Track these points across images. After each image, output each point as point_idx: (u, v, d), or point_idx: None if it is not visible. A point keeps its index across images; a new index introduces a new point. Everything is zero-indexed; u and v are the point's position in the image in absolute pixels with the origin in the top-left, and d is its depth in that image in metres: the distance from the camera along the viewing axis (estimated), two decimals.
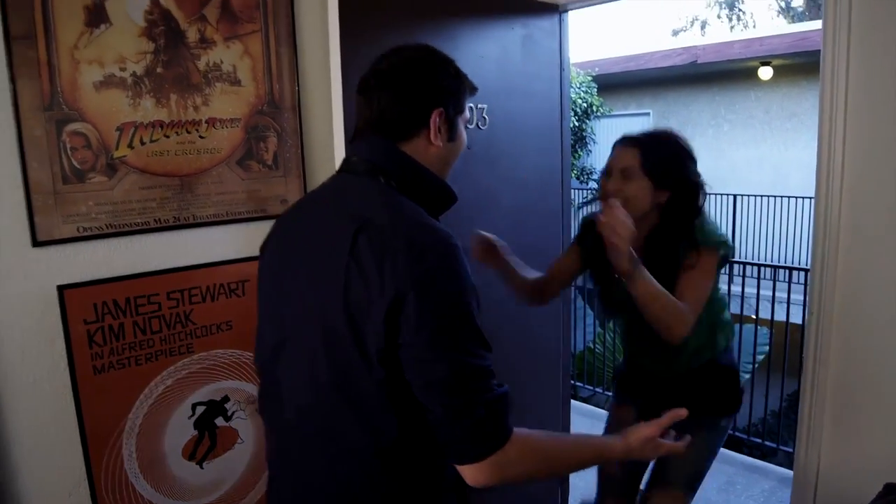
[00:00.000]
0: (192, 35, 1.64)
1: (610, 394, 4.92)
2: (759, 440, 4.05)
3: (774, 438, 4.19)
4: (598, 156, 9.57)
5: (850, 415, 1.85)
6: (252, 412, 1.85)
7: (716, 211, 8.92)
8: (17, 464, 1.53)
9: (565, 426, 2.80)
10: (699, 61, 8.98)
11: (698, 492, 2.33)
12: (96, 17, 1.52)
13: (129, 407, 1.66)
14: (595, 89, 8.82)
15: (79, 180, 1.53)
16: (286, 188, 1.83)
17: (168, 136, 1.63)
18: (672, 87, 10.20)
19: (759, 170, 9.32)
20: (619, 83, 10.34)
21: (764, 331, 5.73)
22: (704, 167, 1.89)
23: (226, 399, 1.81)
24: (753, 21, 21.23)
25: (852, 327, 1.81)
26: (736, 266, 5.91)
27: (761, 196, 8.57)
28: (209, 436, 1.79)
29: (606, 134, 9.62)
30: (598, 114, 8.94)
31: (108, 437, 1.63)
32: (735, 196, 8.63)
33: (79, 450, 1.60)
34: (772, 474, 3.35)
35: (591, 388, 5.22)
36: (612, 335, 5.80)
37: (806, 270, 5.28)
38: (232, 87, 1.71)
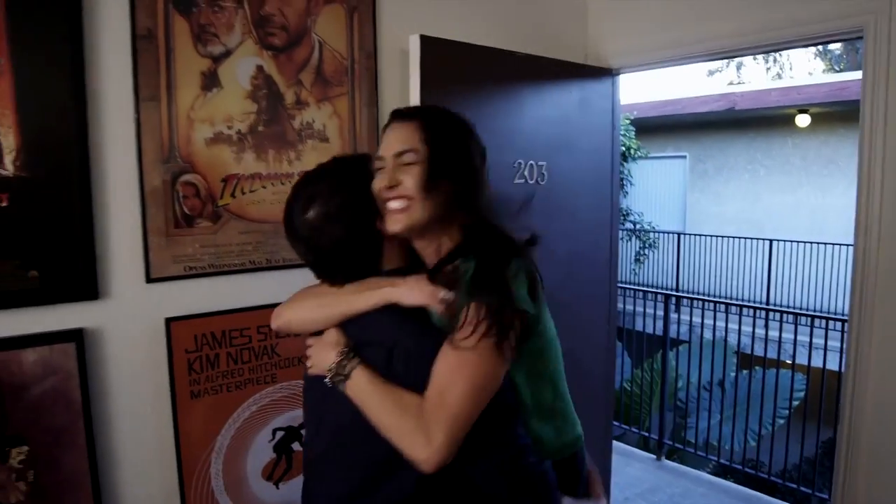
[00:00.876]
0: (289, 97, 1.84)
1: (641, 433, 4.99)
2: (794, 485, 4.07)
3: (809, 485, 4.21)
4: (635, 197, 9.67)
5: (886, 465, 1.94)
6: None
7: (752, 256, 8.96)
8: (120, 476, 1.70)
9: (606, 463, 2.90)
10: (737, 108, 9.09)
11: None
12: (210, 81, 1.72)
13: (218, 429, 1.83)
14: (633, 132, 8.96)
15: (188, 225, 1.72)
16: None
17: (265, 187, 1.82)
18: (709, 130, 10.30)
19: (796, 215, 9.34)
20: (656, 126, 10.48)
21: (800, 376, 5.75)
22: (740, 211, 2.02)
23: (301, 426, 1.97)
24: (790, 63, 21.27)
25: (890, 376, 1.92)
26: (773, 312, 5.96)
27: (798, 242, 8.59)
28: (286, 459, 1.95)
29: (644, 176, 9.74)
30: (636, 156, 9.06)
31: (199, 455, 1.80)
32: (771, 241, 8.67)
33: (174, 466, 1.77)
34: None
35: (626, 427, 5.28)
36: (648, 374, 5.87)
37: (842, 320, 5.33)
38: (321, 143, 1.91)
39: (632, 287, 6.95)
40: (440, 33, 2.01)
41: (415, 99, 1.96)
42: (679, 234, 9.90)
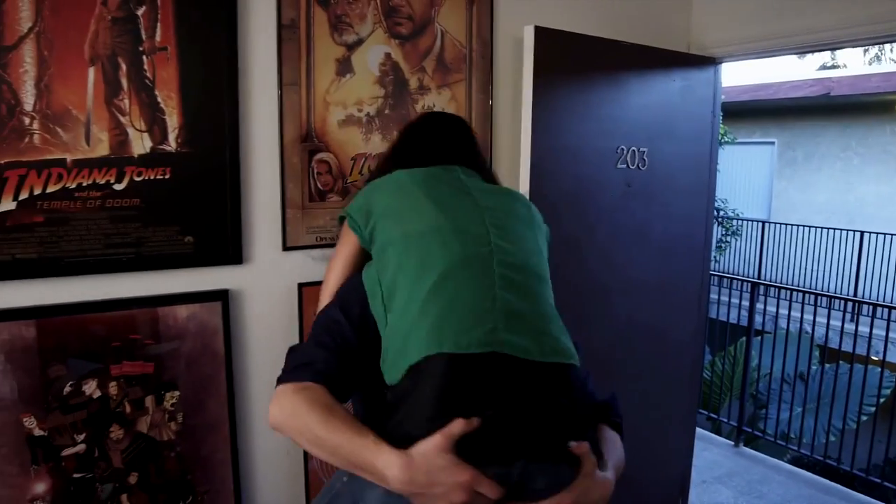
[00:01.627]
0: (413, 83, 1.98)
1: (717, 417, 5.00)
2: (877, 480, 4.02)
3: (892, 482, 4.15)
4: (719, 183, 9.47)
5: None
6: None
7: (840, 248, 8.67)
8: (253, 423, 1.91)
9: (689, 446, 2.97)
10: (832, 93, 8.78)
11: None
12: (344, 68, 1.88)
13: None
14: (721, 116, 8.79)
15: (321, 199, 1.89)
16: None
17: None
18: (800, 116, 9.98)
19: (890, 207, 8.98)
20: (744, 110, 10.21)
21: (888, 374, 5.62)
22: (830, 201, 2.03)
23: None
24: (891, 46, 20.13)
25: None
26: (865, 307, 5.80)
27: (891, 234, 8.27)
28: None
29: (730, 162, 9.52)
30: (722, 141, 8.89)
31: None
32: (862, 233, 8.37)
33: None
34: None
35: (704, 412, 5.29)
36: (727, 363, 5.84)
37: None
38: None
39: (716, 274, 6.87)
40: (552, 24, 2.11)
41: (528, 86, 2.06)
42: (763, 223, 9.67)
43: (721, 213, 9.28)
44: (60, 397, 1.65)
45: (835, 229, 8.78)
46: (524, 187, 2.08)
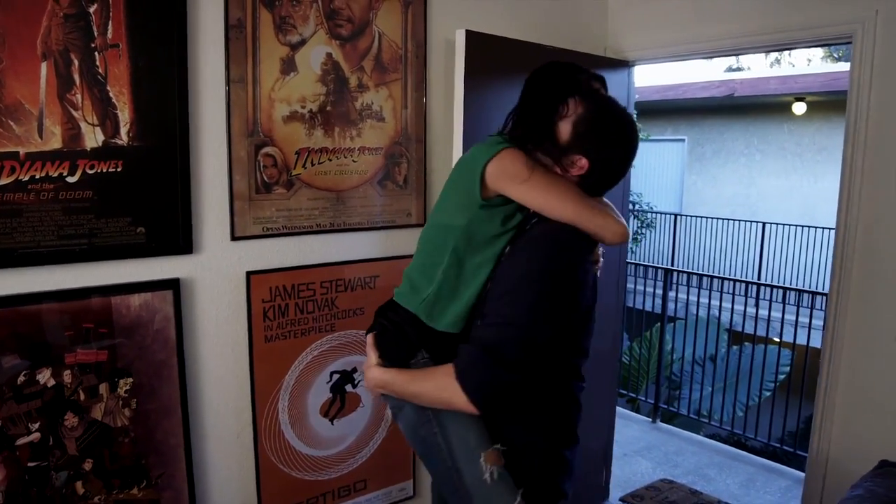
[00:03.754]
0: (353, 81, 2.10)
1: (641, 398, 5.31)
2: (777, 445, 4.40)
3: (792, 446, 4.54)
4: (634, 179, 9.91)
5: (854, 410, 2.26)
6: None
7: (745, 238, 9.26)
8: (205, 406, 1.98)
9: (611, 424, 3.19)
10: (736, 94, 9.35)
11: (721, 483, 2.56)
12: (288, 66, 1.98)
13: (286, 370, 2.11)
14: (636, 115, 9.19)
15: (266, 191, 1.98)
16: (411, 204, 2.28)
17: (331, 160, 2.08)
18: (708, 115, 10.57)
19: (789, 200, 9.65)
20: (657, 110, 10.72)
21: (786, 352, 6.09)
22: (736, 194, 2.28)
23: (354, 370, 2.25)
24: (789, 51, 21.37)
25: (862, 340, 2.23)
26: (763, 289, 6.25)
27: (789, 225, 8.90)
28: (340, 399, 2.24)
29: (643, 158, 10.01)
30: None
31: (269, 393, 2.09)
32: (764, 224, 8.97)
33: (248, 402, 2.05)
34: (788, 475, 3.73)
35: (626, 392, 5.61)
36: (644, 348, 6.19)
37: (826, 294, 5.65)
38: (378, 123, 2.16)
39: (632, 263, 7.21)
40: (481, 27, 2.26)
41: (459, 85, 2.21)
42: (676, 216, 10.20)
43: (636, 206, 9.73)
44: (14, 386, 1.68)
45: (740, 220, 9.38)
46: None
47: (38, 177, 1.65)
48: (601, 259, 1.49)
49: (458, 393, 1.28)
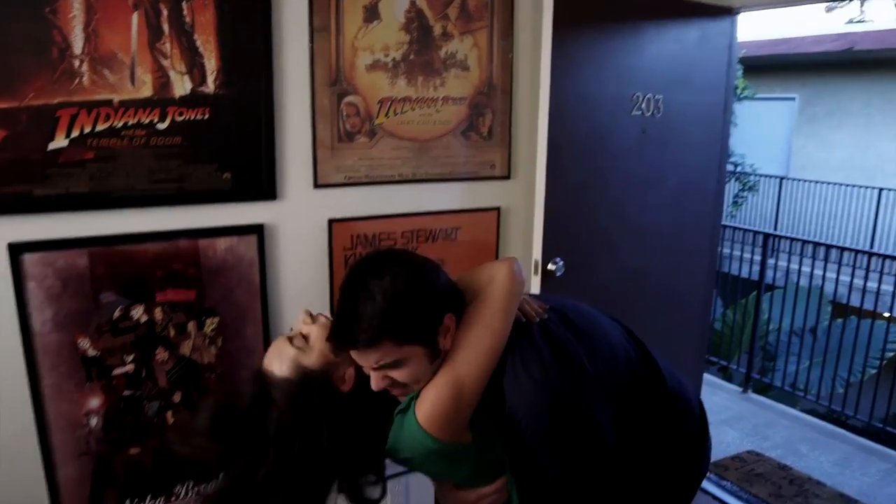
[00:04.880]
0: (437, 30, 2.06)
1: (733, 367, 5.13)
2: (879, 425, 4.14)
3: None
4: (737, 139, 9.40)
5: None
6: None
7: (858, 205, 8.66)
8: None
9: (697, 387, 3.09)
10: (856, 48, 8.65)
11: (813, 460, 2.41)
12: (371, 15, 1.96)
13: None
14: (741, 71, 8.67)
15: (349, 140, 1.99)
16: (495, 156, 2.25)
17: (413, 110, 2.07)
18: (822, 72, 9.84)
19: None
20: (765, 65, 10.08)
21: (893, 328, 5.70)
22: (850, 158, 2.09)
23: None
24: None
25: None
26: (875, 260, 5.84)
27: None
28: None
29: (749, 117, 9.45)
30: (742, 96, 8.80)
31: None
32: (880, 190, 8.35)
33: None
34: (890, 458, 3.51)
35: (717, 360, 5.43)
36: (738, 315, 5.95)
37: None
38: (462, 73, 2.13)
39: (730, 226, 6.88)
40: None
41: (547, 33, 2.13)
42: (781, 179, 9.65)
43: (738, 168, 9.26)
44: (111, 321, 1.79)
45: (853, 186, 8.76)
46: (542, 133, 2.17)
47: (130, 123, 1.71)
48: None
49: None
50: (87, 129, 1.67)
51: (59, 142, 1.65)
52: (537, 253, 2.25)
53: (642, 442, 1.34)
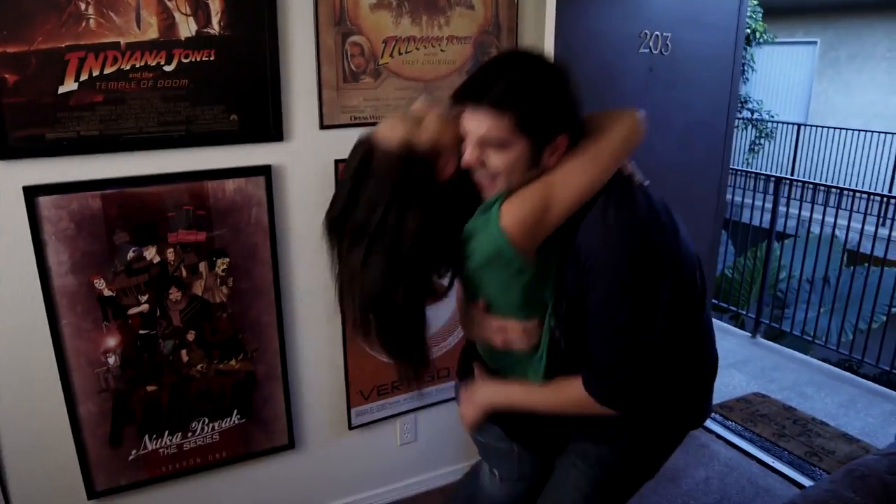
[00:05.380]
0: None
1: (743, 312, 5.15)
2: (886, 367, 4.17)
3: None
4: (756, 84, 9.24)
5: None
6: None
7: (878, 152, 8.53)
8: (295, 288, 2.11)
9: None
10: None
11: (818, 402, 2.36)
12: None
13: None
14: (760, 14, 8.46)
15: (354, 80, 2.00)
16: None
17: (418, 49, 2.06)
18: (844, 13, 9.57)
19: None
20: (786, 8, 9.81)
21: None
22: (872, 103, 2.06)
23: None
24: None
25: None
26: (891, 206, 5.78)
27: None
28: None
29: (768, 62, 9.26)
30: (761, 40, 8.59)
31: None
32: None
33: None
34: (894, 399, 3.55)
35: (727, 305, 5.45)
36: (750, 262, 5.94)
37: None
38: (467, 11, 2.11)
39: (742, 171, 6.79)
40: None
41: None
42: (799, 126, 9.49)
43: (755, 114, 9.11)
44: (125, 261, 1.84)
45: (872, 132, 8.60)
46: None
47: (137, 66, 1.73)
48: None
49: (593, 404, 1.28)
50: (96, 73, 1.69)
51: (69, 85, 1.67)
52: None
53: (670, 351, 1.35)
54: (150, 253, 1.87)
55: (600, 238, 1.20)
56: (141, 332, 1.92)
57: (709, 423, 3.11)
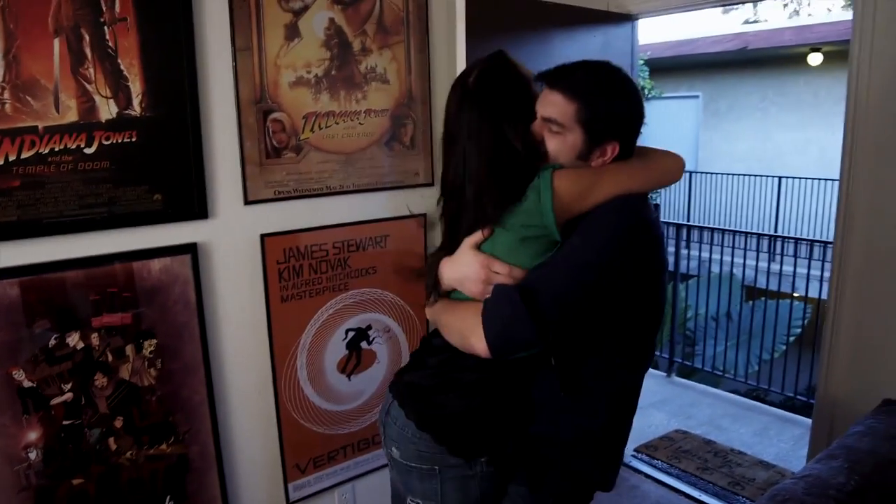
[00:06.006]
0: (356, 45, 2.14)
1: (657, 353, 5.37)
2: (791, 394, 4.45)
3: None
4: (648, 137, 9.78)
5: (859, 351, 2.30)
6: (387, 339, 2.37)
7: (761, 193, 9.21)
8: (226, 365, 2.08)
9: None
10: (750, 47, 9.21)
11: (734, 433, 2.47)
12: (292, 32, 2.02)
13: (302, 329, 2.19)
14: (647, 73, 9.11)
15: (276, 156, 2.04)
16: (418, 164, 2.34)
17: (338, 123, 2.13)
18: (722, 70, 10.44)
19: (805, 153, 9.55)
20: (670, 66, 10.59)
21: (800, 306, 6.10)
22: (751, 149, 2.27)
23: (369, 327, 2.33)
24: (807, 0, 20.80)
25: (866, 284, 2.26)
26: (779, 244, 6.23)
27: (806, 178, 8.83)
28: (356, 355, 2.32)
29: (657, 116, 9.88)
30: (650, 96, 9.24)
31: (287, 350, 2.17)
32: (780, 178, 8.91)
33: (268, 360, 2.14)
34: (802, 424, 3.79)
35: None
36: None
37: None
38: (383, 85, 2.21)
39: None
40: None
41: (461, 45, 2.24)
42: (691, 173, 10.14)
43: None
44: (46, 350, 1.78)
45: (756, 176, 9.31)
46: None
47: (57, 149, 1.71)
48: None
49: (478, 328, 1.26)
50: (13, 157, 1.66)
51: None
52: None
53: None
54: (74, 339, 1.82)
55: (602, 209, 1.29)
56: (65, 422, 1.84)
57: (636, 464, 3.22)
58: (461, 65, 2.25)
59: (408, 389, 1.50)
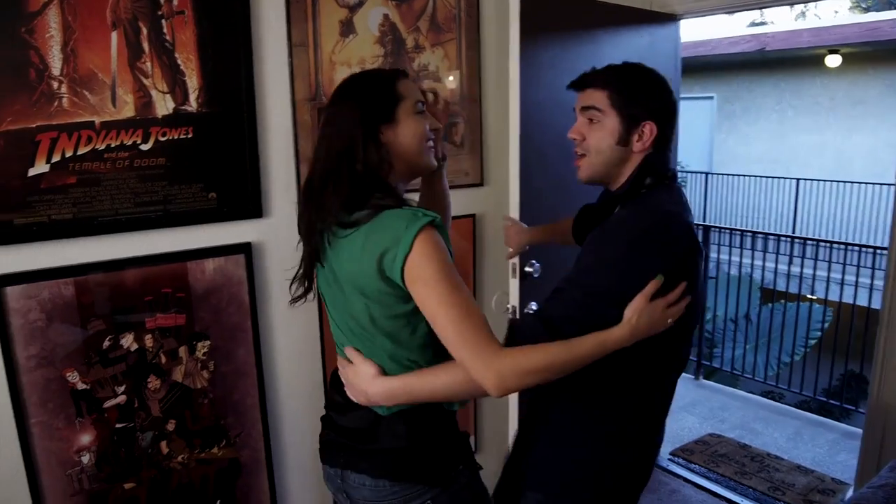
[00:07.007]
0: (409, 42, 2.10)
1: None
2: (823, 398, 4.40)
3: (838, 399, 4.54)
4: None
5: None
6: None
7: (778, 195, 9.15)
8: (278, 366, 2.04)
9: None
10: (767, 48, 9.15)
11: (768, 437, 2.47)
12: (347, 29, 1.98)
13: None
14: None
15: None
16: (469, 164, 2.29)
17: None
18: (737, 71, 10.37)
19: (822, 155, 9.49)
20: (684, 67, 10.52)
21: (819, 309, 6.04)
22: (767, 151, 2.22)
23: None
24: (815, 3, 20.69)
25: None
26: (797, 245, 6.18)
27: (823, 181, 8.77)
28: None
29: None
30: None
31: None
32: (798, 180, 8.85)
33: (319, 362, 2.11)
34: (835, 428, 3.74)
35: None
36: None
37: (868, 247, 5.58)
38: (435, 83, 2.16)
39: None
40: None
41: (514, 43, 2.19)
42: (706, 174, 10.08)
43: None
44: (100, 351, 1.74)
45: (772, 178, 9.25)
46: (514, 140, 2.22)
47: (113, 145, 1.67)
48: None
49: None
50: (69, 153, 1.62)
51: (40, 167, 1.59)
52: (514, 257, 2.30)
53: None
54: (128, 340, 1.78)
55: (628, 215, 1.34)
56: (118, 425, 1.80)
57: (675, 468, 3.17)
58: (514, 62, 2.20)
59: (348, 440, 1.44)
